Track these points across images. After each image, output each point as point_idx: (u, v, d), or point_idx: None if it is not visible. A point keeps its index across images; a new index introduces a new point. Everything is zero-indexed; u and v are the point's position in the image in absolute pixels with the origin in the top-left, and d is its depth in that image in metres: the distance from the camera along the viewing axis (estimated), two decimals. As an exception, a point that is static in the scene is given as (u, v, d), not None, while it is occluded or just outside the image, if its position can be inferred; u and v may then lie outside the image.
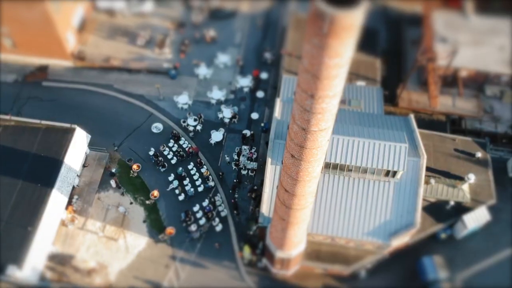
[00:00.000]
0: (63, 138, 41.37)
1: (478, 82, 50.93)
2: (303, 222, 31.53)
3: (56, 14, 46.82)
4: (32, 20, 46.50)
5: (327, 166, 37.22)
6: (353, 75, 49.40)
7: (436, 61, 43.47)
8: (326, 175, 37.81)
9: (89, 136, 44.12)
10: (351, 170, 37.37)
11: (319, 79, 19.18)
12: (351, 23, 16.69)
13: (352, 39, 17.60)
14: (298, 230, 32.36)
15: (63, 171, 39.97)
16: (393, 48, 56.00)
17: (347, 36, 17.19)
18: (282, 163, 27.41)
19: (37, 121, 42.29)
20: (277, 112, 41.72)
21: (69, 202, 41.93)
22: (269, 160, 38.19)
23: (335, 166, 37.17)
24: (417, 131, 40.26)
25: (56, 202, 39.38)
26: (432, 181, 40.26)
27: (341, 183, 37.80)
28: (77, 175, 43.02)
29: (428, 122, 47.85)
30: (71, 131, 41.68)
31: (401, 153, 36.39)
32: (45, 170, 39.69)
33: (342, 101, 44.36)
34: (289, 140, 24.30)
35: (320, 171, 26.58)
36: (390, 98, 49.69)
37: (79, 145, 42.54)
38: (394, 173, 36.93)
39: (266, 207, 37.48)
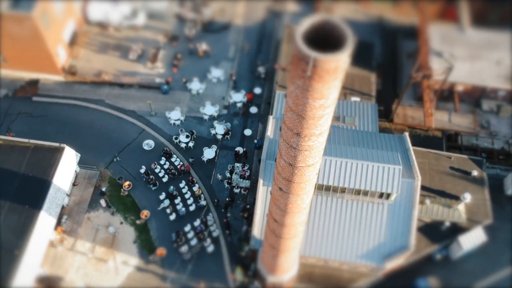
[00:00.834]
0: (52, 157, 40.64)
1: (475, 97, 50.31)
2: (294, 250, 30.84)
3: (46, 29, 46.09)
4: (22, 35, 45.80)
5: (319, 187, 36.54)
6: (348, 90, 48.75)
7: (431, 78, 42.80)
8: (318, 196, 37.12)
9: (79, 155, 43.42)
10: (344, 192, 36.69)
11: (304, 119, 18.51)
12: (336, 66, 16.01)
13: (338, 81, 16.92)
14: (289, 257, 31.66)
15: (51, 192, 39.24)
16: (389, 61, 55.34)
17: (332, 79, 16.50)
18: (270, 193, 26.72)
19: (26, 140, 41.58)
20: (270, 131, 41.02)
21: (58, 222, 41.23)
22: (260, 181, 37.50)
23: (327, 188, 36.49)
24: (411, 150, 39.53)
25: (45, 223, 38.67)
26: (427, 201, 39.58)
27: (334, 205, 37.11)
28: (67, 195, 42.30)
29: (423, 138, 47.16)
30: (60, 151, 40.96)
31: (395, 175, 35.73)
32: (33, 191, 38.95)
33: (336, 118, 43.73)
34: (276, 173, 23.61)
35: (310, 202, 25.90)
36: (385, 114, 49.04)
37: (68, 165, 41.83)
38: (388, 195, 36.25)
39: (258, 229, 36.77)
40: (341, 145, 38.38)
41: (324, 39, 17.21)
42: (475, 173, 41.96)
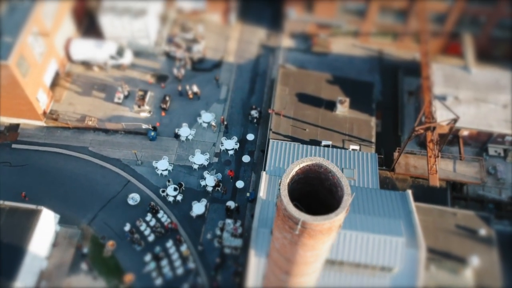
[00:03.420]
0: (29, 221, 37.73)
1: (481, 141, 47.53)
2: None
3: (24, 76, 43.16)
4: (-2, 82, 42.98)
5: (316, 260, 33.69)
6: (346, 136, 45.93)
7: (435, 130, 40.05)
8: (315, 269, 34.27)
9: (58, 216, 40.58)
10: (342, 265, 33.85)
11: (294, 264, 15.67)
12: (330, 227, 13.18)
13: (332, 235, 14.09)
14: None
15: (27, 260, 36.37)
16: (389, 100, 52.46)
17: (325, 236, 13.68)
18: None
19: (0, 201, 38.72)
20: (263, 190, 38.18)
21: (36, 289, 38.43)
22: (252, 252, 34.62)
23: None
24: (415, 212, 36.79)
25: (20, 295, 35.86)
26: (433, 267, 36.81)
27: (332, 279, 34.25)
28: (46, 258, 39.42)
29: (427, 189, 44.23)
30: (37, 214, 38.06)
31: (397, 248, 32.99)
32: (7, 260, 36.04)
33: (334, 172, 40.83)
34: (265, 291, 20.78)
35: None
36: (386, 160, 46.23)
37: (46, 227, 38.98)
38: (390, 268, 33.44)
39: (249, 305, 33.92)
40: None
41: (317, 178, 14.41)
42: (482, 231, 39.23)
